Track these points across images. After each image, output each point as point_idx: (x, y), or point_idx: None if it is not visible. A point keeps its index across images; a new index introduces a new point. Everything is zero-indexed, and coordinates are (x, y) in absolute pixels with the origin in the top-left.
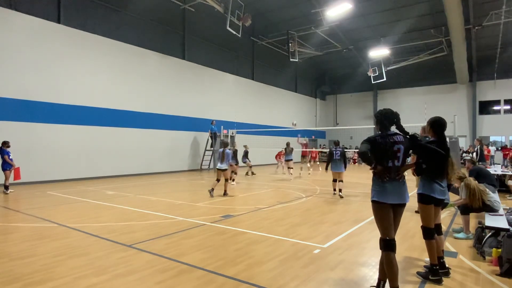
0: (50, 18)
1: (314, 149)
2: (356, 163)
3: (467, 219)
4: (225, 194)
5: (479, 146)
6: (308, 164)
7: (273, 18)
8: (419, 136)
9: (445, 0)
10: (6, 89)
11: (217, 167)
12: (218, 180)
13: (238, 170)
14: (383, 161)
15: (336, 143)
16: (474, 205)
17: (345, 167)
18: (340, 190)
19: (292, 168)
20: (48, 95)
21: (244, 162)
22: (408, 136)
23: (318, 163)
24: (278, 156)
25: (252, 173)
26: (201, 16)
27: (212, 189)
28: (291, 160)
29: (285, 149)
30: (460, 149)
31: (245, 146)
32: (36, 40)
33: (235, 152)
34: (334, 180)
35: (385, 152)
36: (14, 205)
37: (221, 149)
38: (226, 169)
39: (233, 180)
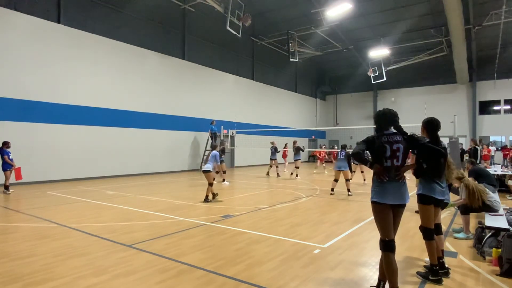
0: (50, 18)
1: (323, 150)
2: (356, 163)
3: (467, 219)
4: (206, 199)
5: (475, 147)
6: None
7: (273, 18)
8: (417, 136)
9: (445, 0)
10: (6, 89)
11: (202, 170)
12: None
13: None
14: (382, 161)
15: (343, 147)
16: (474, 205)
17: (350, 169)
18: (348, 190)
19: (298, 167)
20: (48, 95)
21: (273, 160)
22: (406, 137)
23: (324, 165)
24: (284, 155)
25: (294, 174)
26: (201, 16)
27: (207, 196)
28: (299, 159)
29: (293, 147)
30: (461, 149)
31: (272, 143)
32: (36, 40)
33: (222, 150)
34: (335, 180)
35: (383, 152)
36: (14, 205)
37: (208, 151)
38: (209, 171)
39: (224, 180)
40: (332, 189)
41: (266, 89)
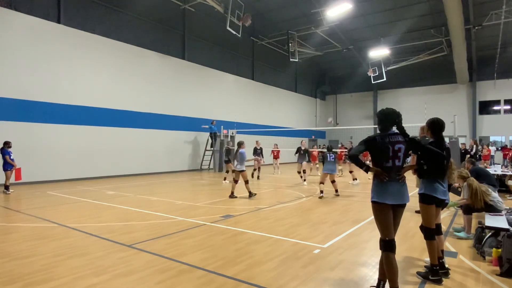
0: (50, 18)
1: (314, 149)
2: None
3: (470, 219)
4: (250, 195)
5: (472, 146)
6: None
7: (273, 18)
8: (417, 138)
9: (445, 0)
10: (6, 89)
11: (237, 170)
12: (236, 181)
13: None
14: (382, 161)
15: (329, 149)
16: (476, 205)
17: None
18: (336, 191)
19: (305, 172)
20: (48, 95)
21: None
22: (407, 139)
23: (317, 165)
24: (275, 156)
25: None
26: (201, 16)
27: (232, 193)
28: (304, 162)
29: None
30: (464, 149)
31: (257, 142)
32: (36, 40)
33: (234, 151)
34: (322, 183)
35: (384, 152)
36: (14, 205)
37: (236, 149)
38: (244, 170)
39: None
40: (322, 192)
41: (266, 89)
